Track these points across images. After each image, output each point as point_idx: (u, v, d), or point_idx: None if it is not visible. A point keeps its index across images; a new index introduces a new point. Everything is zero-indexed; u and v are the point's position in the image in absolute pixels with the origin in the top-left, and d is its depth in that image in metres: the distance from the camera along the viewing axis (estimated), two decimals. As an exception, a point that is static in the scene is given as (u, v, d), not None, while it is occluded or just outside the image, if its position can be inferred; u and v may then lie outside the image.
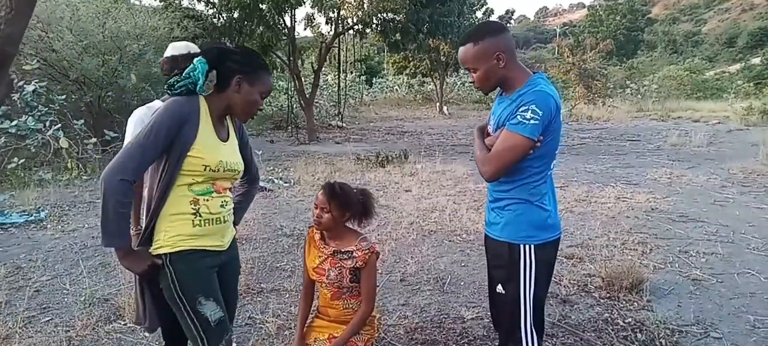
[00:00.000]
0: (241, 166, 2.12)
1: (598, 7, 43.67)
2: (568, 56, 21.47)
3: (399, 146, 12.39)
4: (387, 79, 33.96)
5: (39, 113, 8.69)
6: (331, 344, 2.49)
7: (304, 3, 13.25)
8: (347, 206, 2.49)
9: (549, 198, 2.16)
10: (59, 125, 8.77)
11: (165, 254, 1.90)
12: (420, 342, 3.24)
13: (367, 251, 2.49)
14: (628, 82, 27.26)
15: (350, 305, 2.58)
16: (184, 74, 1.90)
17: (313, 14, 14.11)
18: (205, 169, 1.91)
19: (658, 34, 49.83)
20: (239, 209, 2.37)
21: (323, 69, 21.22)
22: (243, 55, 2.00)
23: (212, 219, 1.98)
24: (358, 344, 2.54)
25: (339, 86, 18.67)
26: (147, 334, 3.23)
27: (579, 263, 4.54)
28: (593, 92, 21.29)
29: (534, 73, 2.16)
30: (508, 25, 24.64)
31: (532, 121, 1.97)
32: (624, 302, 3.74)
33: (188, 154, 1.87)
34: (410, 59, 25.00)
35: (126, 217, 1.82)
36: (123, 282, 4.02)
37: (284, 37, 13.48)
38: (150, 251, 1.92)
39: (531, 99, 2.00)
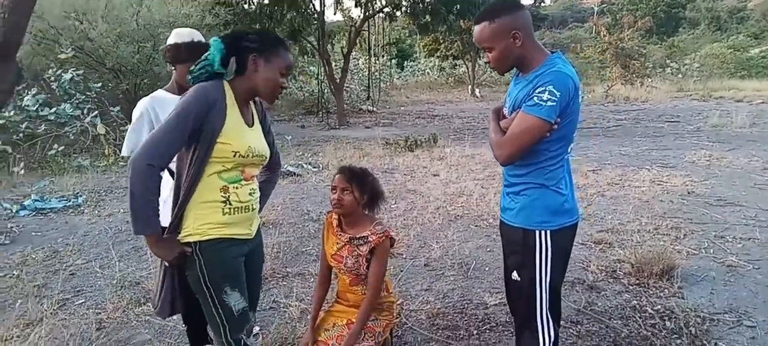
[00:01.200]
0: (267, 152, 2.11)
1: (637, -17, 42.29)
2: (604, 35, 20.87)
3: (429, 130, 12.31)
4: (418, 63, 33.71)
5: (77, 101, 8.95)
6: (349, 331, 2.48)
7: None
8: (365, 187, 2.48)
9: (566, 182, 2.09)
10: (96, 112, 9.01)
11: (195, 242, 1.89)
12: (441, 328, 3.23)
13: (381, 234, 2.46)
14: (668, 61, 26.35)
15: (369, 291, 2.57)
16: (202, 58, 1.90)
17: (341, -3, 14.12)
18: (235, 156, 1.90)
19: (700, 10, 47.95)
20: (263, 196, 2.36)
21: (354, 53, 21.26)
22: (257, 34, 1.97)
23: (241, 207, 1.97)
24: (376, 329, 2.53)
25: (369, 70, 18.62)
26: (174, 317, 3.31)
27: (608, 248, 4.44)
28: (631, 72, 20.70)
29: (552, 52, 2.09)
30: (543, 4, 23.97)
31: (549, 103, 1.91)
32: (654, 289, 3.64)
33: (218, 140, 1.85)
34: (441, 41, 24.74)
35: (155, 204, 1.81)
36: (153, 266, 4.12)
37: (314, 22, 13.49)
38: (178, 238, 1.91)
39: (548, 79, 1.93)
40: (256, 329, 3.10)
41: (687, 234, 4.70)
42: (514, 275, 2.15)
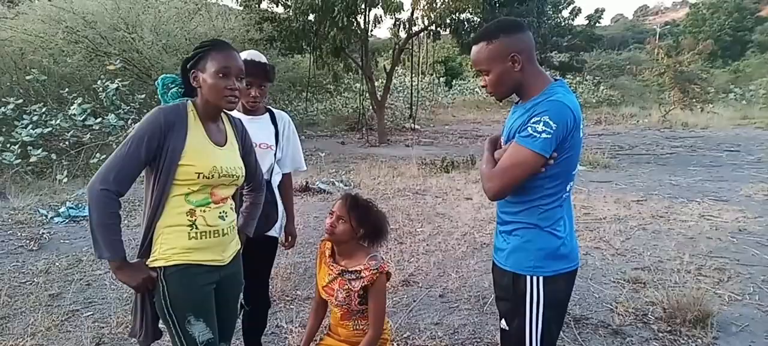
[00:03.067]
0: (240, 172, 2.00)
1: (700, 5, 40.23)
2: (663, 58, 20.01)
3: (469, 151, 12.03)
4: (467, 82, 33.36)
5: (121, 111, 9.21)
6: None
7: (377, 5, 13.21)
8: (364, 221, 2.35)
9: (564, 224, 1.87)
10: (139, 123, 9.24)
11: (160, 267, 1.82)
12: (444, 367, 3.02)
13: (375, 270, 2.31)
14: (732, 86, 25.03)
15: (361, 326, 2.42)
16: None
17: (380, 16, 14.03)
18: (198, 177, 1.82)
19: (769, 34, 45.44)
20: (249, 219, 2.27)
21: (401, 71, 21.23)
22: (194, 50, 1.92)
23: (209, 232, 1.88)
24: (367, 366, 2.36)
25: (411, 88, 18.51)
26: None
27: (641, 288, 4.10)
28: (690, 97, 19.70)
29: (554, 80, 1.89)
30: (598, 24, 23.29)
31: (543, 135, 1.71)
32: (686, 338, 3.30)
33: (179, 163, 1.79)
34: (491, 61, 24.39)
35: (113, 228, 1.75)
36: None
37: (357, 39, 13.52)
38: (147, 263, 1.84)
39: (544, 109, 1.74)
40: None
41: (731, 277, 4.29)
42: (503, 324, 1.95)
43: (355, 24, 13.50)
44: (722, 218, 6.16)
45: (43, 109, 9.33)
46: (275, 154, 2.77)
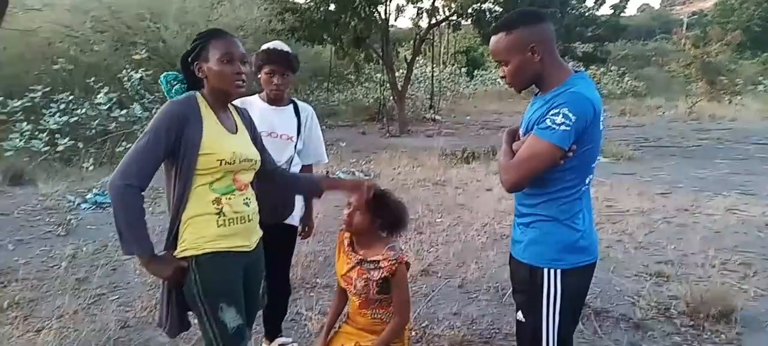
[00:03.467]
0: (257, 156, 2.04)
1: (730, -7, 39.17)
2: (690, 48, 19.59)
3: (490, 142, 11.94)
4: (489, 72, 33.06)
5: (146, 101, 9.35)
6: None
7: (398, -6, 13.17)
8: (380, 212, 2.35)
9: (583, 217, 1.85)
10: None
11: (191, 256, 1.84)
12: (462, 357, 3.02)
13: (393, 261, 2.32)
14: (761, 77, 24.37)
15: (379, 315, 2.43)
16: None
17: (403, 5, 13.95)
18: (221, 164, 1.85)
19: (804, 24, 43.91)
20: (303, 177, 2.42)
21: (422, 61, 21.13)
22: (193, 42, 1.95)
23: (236, 218, 1.91)
24: (385, 355, 2.38)
25: (432, 78, 18.41)
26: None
27: (664, 282, 4.05)
28: (718, 88, 19.28)
29: (575, 72, 1.87)
30: (623, 14, 22.81)
31: (562, 127, 1.69)
32: (709, 333, 3.26)
33: (200, 153, 1.82)
34: (513, 51, 24.10)
35: (139, 224, 1.76)
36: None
37: (377, 29, 13.48)
38: (175, 254, 1.86)
39: (563, 101, 1.72)
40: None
41: (758, 272, 4.21)
42: (519, 316, 1.94)
43: (375, 14, 13.47)
44: (749, 212, 6.03)
45: (70, 98, 9.53)
46: (296, 146, 2.80)
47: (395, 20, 16.30)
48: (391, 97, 15.28)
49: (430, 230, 5.38)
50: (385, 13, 13.92)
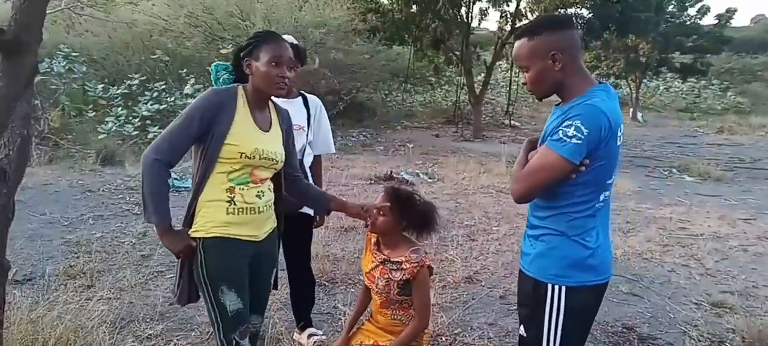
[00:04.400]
0: (280, 157, 2.13)
1: None
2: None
3: (567, 152, 11.54)
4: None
5: (229, 93, 9.86)
6: None
7: (481, -3, 13.03)
8: (406, 214, 2.39)
9: (596, 234, 1.79)
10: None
11: (199, 238, 1.97)
12: (487, 368, 2.98)
13: (415, 264, 2.35)
14: None
15: (399, 316, 2.47)
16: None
17: (487, 9, 13.75)
18: (241, 157, 1.95)
19: None
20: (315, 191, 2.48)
21: (505, 66, 20.74)
22: (249, 38, 2.07)
23: (246, 208, 2.01)
24: (401, 358, 2.41)
25: (510, 84, 18.02)
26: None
27: (726, 313, 3.77)
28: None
29: (599, 83, 1.81)
30: (728, 24, 21.17)
31: (573, 140, 1.65)
32: (764, 373, 3.01)
33: (225, 142, 1.93)
34: (603, 59, 23.08)
35: (162, 196, 1.93)
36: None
37: (457, 32, 13.41)
38: (189, 232, 2.00)
39: (577, 113, 1.67)
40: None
41: (839, 313, 3.82)
42: (521, 330, 1.90)
43: (458, 16, 13.39)
44: (844, 247, 5.46)
45: (163, 88, 10.24)
46: (307, 136, 2.90)
47: (478, 23, 16.06)
48: (468, 101, 15.13)
49: (484, 238, 5.31)
50: (467, 16, 13.81)
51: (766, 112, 21.95)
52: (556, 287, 1.78)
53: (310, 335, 3.16)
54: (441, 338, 3.31)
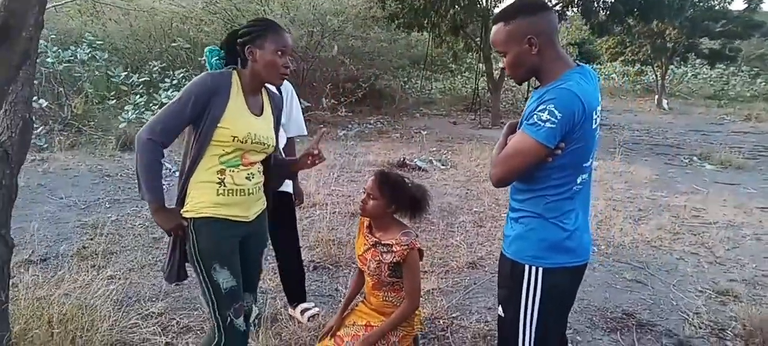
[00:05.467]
0: (272, 141, 2.18)
1: None
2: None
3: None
4: (604, 66, 31.31)
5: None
6: (366, 332, 2.46)
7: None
8: (395, 198, 2.43)
9: (574, 217, 1.80)
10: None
11: (191, 218, 2.03)
12: (480, 351, 3.02)
13: (405, 246, 2.39)
14: None
15: (390, 298, 2.52)
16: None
17: (504, -6, 13.57)
18: (233, 140, 2.00)
19: None
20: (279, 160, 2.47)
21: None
22: (249, 26, 2.09)
23: (236, 190, 2.06)
24: (391, 338, 2.47)
25: (532, 70, 17.73)
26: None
27: (731, 301, 3.73)
28: None
29: (578, 65, 1.81)
30: (759, 8, 20.50)
31: (547, 125, 1.66)
32: (762, 361, 2.98)
33: (218, 125, 1.98)
34: (628, 45, 22.63)
35: (155, 175, 1.98)
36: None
37: (477, 18, 13.28)
38: (181, 211, 2.06)
39: (551, 97, 1.68)
40: (254, 309, 3.24)
41: None
42: (500, 310, 1.93)
43: (477, 2, 13.25)
44: None
45: (183, 75, 10.40)
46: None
47: (495, 9, 15.83)
48: (487, 88, 15.01)
49: (492, 224, 5.32)
50: (486, 2, 13.66)
51: (798, 99, 21.31)
52: (533, 269, 1.81)
53: (303, 310, 3.25)
54: (439, 321, 3.35)
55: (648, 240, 4.96)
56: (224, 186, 2.03)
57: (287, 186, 3.06)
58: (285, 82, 3.12)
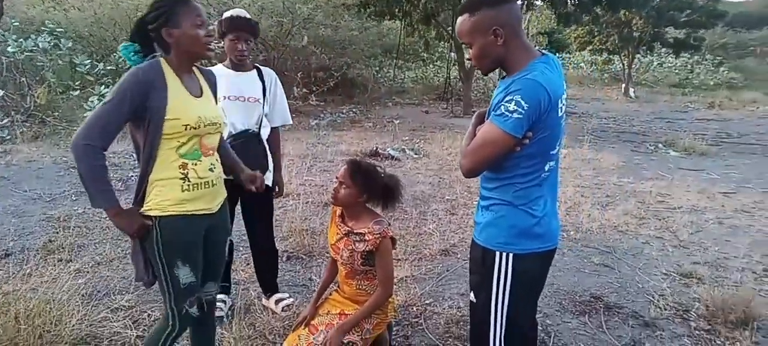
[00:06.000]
0: (221, 119, 2.13)
1: None
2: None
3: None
4: (572, 55, 31.74)
5: (215, 69, 9.81)
6: (340, 321, 2.47)
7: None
8: (367, 187, 2.44)
9: (543, 203, 1.84)
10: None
11: (155, 216, 1.95)
12: (454, 336, 3.05)
13: (378, 235, 2.41)
14: None
15: (364, 287, 2.54)
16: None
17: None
18: (186, 129, 1.93)
19: None
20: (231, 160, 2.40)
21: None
22: (155, 9, 1.96)
23: (201, 183, 2.02)
24: (364, 325, 2.49)
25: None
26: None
27: (694, 283, 3.85)
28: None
29: (542, 54, 1.84)
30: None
31: (514, 115, 1.68)
32: (723, 339, 3.09)
33: (166, 118, 1.90)
34: (596, 34, 23.00)
35: (102, 180, 1.87)
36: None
37: (448, 7, 13.29)
38: (141, 211, 1.97)
39: (517, 88, 1.71)
40: (227, 300, 3.24)
41: (804, 282, 3.90)
42: (471, 296, 1.97)
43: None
44: (819, 219, 5.54)
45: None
46: (263, 108, 2.95)
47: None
48: (459, 77, 15.09)
49: (464, 212, 5.37)
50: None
51: (758, 87, 22.00)
52: (504, 255, 1.84)
53: (278, 301, 3.25)
54: (412, 308, 3.38)
55: (615, 225, 5.09)
56: (188, 181, 1.98)
57: (266, 179, 3.03)
58: (269, 70, 3.10)
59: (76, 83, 9.78)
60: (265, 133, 3.03)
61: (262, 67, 3.07)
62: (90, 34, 12.06)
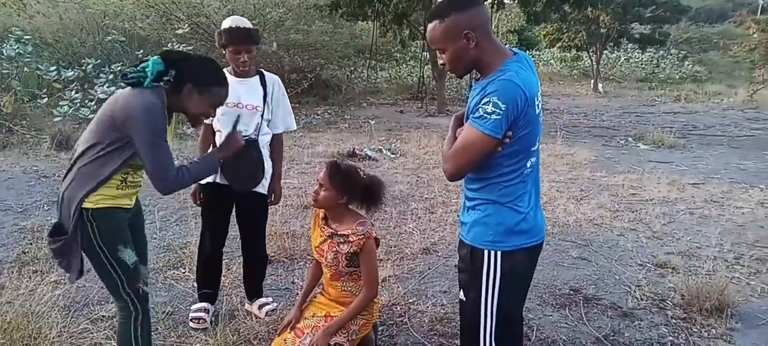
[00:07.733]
0: None
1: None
2: (753, 32, 18.44)
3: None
4: (542, 53, 32.17)
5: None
6: (326, 323, 2.47)
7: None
8: (347, 189, 2.44)
9: (527, 199, 1.88)
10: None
11: (87, 209, 2.03)
12: (438, 334, 3.09)
13: (362, 236, 2.42)
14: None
15: (349, 288, 2.55)
16: (138, 67, 2.05)
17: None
18: None
19: None
20: None
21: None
22: (199, 65, 2.16)
23: (133, 184, 2.18)
24: (350, 326, 2.50)
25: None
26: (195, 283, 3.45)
27: (669, 273, 3.96)
28: (783, 75, 18.05)
29: (514, 54, 1.86)
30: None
31: (493, 117, 1.71)
32: (699, 327, 3.19)
33: None
34: (564, 31, 23.35)
35: (198, 167, 2.22)
36: (191, 235, 4.37)
37: (420, 7, 13.35)
38: (82, 206, 2.03)
39: (493, 89, 1.73)
40: (210, 309, 3.24)
41: (771, 269, 4.05)
42: (461, 295, 2.00)
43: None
44: (784, 207, 5.75)
45: (120, 69, 9.98)
46: (262, 115, 2.93)
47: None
48: (432, 76, 15.17)
49: (443, 210, 5.42)
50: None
51: (721, 79, 22.64)
52: (492, 252, 1.87)
53: (261, 306, 3.24)
54: (396, 308, 3.40)
55: (590, 219, 5.19)
56: (125, 184, 2.14)
57: (261, 187, 3.04)
58: (272, 75, 3.10)
59: (43, 91, 9.54)
60: (263, 141, 3.01)
61: (265, 73, 3.04)
62: (56, 41, 11.77)
